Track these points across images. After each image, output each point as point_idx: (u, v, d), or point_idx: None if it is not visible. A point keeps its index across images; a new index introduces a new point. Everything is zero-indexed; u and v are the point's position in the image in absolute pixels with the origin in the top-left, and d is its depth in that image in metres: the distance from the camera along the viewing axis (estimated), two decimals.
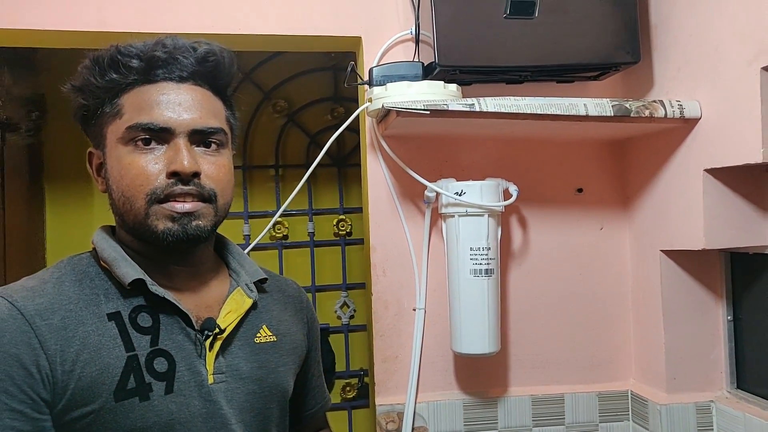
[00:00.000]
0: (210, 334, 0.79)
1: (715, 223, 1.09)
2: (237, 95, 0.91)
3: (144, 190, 0.76)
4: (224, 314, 0.83)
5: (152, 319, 0.77)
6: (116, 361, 0.72)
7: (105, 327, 0.74)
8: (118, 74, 0.78)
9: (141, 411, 0.72)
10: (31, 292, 0.74)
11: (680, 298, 1.22)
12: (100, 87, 0.78)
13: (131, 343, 0.74)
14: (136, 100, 0.78)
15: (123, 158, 0.77)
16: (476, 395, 1.29)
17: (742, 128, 0.99)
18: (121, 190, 0.77)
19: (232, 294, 0.86)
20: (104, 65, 0.78)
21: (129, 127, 0.76)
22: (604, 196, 1.35)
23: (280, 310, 0.93)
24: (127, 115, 0.77)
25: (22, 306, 0.71)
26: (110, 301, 0.76)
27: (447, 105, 1.07)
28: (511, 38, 1.15)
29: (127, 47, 0.78)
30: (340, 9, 1.27)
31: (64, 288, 0.76)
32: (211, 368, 0.79)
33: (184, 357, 0.77)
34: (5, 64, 1.78)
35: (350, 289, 2.27)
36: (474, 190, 1.17)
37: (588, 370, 1.33)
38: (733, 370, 1.22)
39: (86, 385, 0.70)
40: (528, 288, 1.32)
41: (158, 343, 0.76)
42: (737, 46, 0.99)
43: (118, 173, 0.77)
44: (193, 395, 0.76)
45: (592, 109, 1.10)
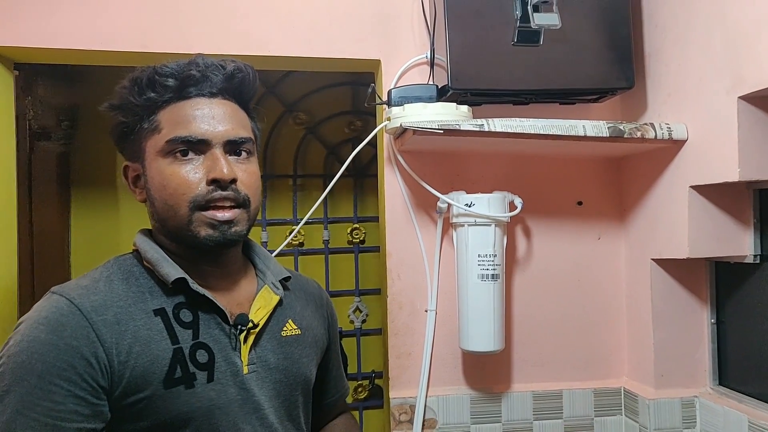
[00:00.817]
0: (244, 328, 0.86)
1: (699, 234, 1.19)
2: (260, 108, 0.99)
3: (187, 198, 0.82)
4: (255, 310, 0.90)
5: (192, 314, 0.84)
6: (164, 352, 0.79)
7: (152, 322, 0.81)
8: (155, 93, 0.84)
9: (186, 397, 0.80)
10: (86, 290, 0.80)
11: (668, 303, 1.32)
12: (138, 105, 0.85)
13: (176, 336, 0.81)
14: (173, 115, 0.84)
15: (164, 169, 0.83)
16: (482, 390, 1.39)
17: (722, 150, 1.10)
18: (164, 199, 0.83)
19: (261, 292, 0.93)
20: (143, 85, 0.85)
21: (169, 141, 0.83)
22: (601, 209, 1.45)
23: (303, 306, 1.01)
24: (165, 129, 0.84)
25: (79, 303, 0.78)
26: (155, 298, 0.83)
27: (459, 125, 1.19)
28: (518, 64, 1.26)
29: (163, 68, 0.85)
30: (362, 34, 1.38)
31: (114, 286, 0.83)
32: (245, 360, 0.86)
33: (221, 349, 0.84)
34: (41, 76, 1.89)
35: (363, 295, 2.36)
36: (482, 202, 1.28)
37: (584, 368, 1.43)
38: (716, 368, 1.32)
39: (139, 374, 0.77)
40: (530, 292, 1.42)
41: (199, 337, 0.83)
42: (717, 77, 1.11)
43: (160, 183, 0.84)
44: (230, 384, 0.84)
45: (590, 130, 1.21)
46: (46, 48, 1.27)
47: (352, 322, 2.36)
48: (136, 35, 1.31)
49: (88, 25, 1.28)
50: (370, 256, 2.39)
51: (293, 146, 2.33)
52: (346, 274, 2.38)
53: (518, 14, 1.24)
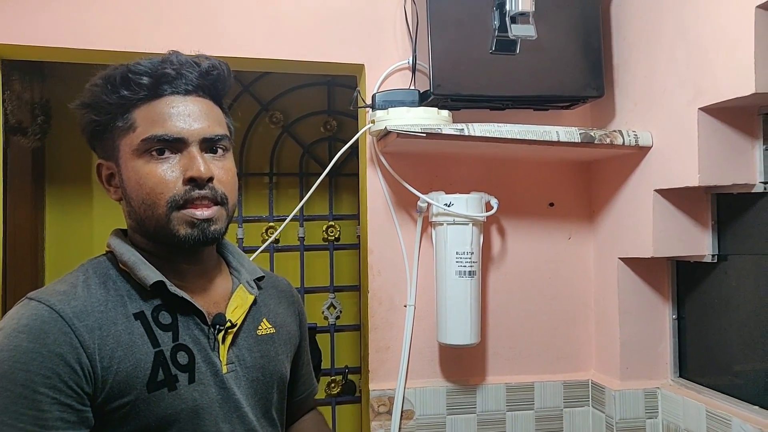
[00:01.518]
0: (222, 328, 0.87)
1: (662, 235, 1.27)
2: (235, 106, 1.00)
3: (165, 198, 0.81)
4: (231, 310, 0.90)
5: (171, 317, 0.83)
6: (146, 356, 0.79)
7: (133, 326, 0.80)
8: (129, 91, 0.82)
9: (170, 400, 0.79)
10: (65, 296, 0.78)
11: (634, 300, 1.41)
12: (111, 104, 0.83)
13: (156, 339, 0.81)
14: (148, 114, 0.82)
15: (140, 168, 0.82)
16: (458, 383, 1.45)
17: (683, 157, 1.18)
18: (141, 198, 0.82)
19: (237, 291, 0.93)
20: (116, 83, 0.82)
21: (144, 139, 0.81)
22: (572, 210, 1.53)
23: (276, 304, 1.01)
24: (140, 128, 0.82)
25: (60, 309, 0.76)
26: (133, 302, 0.82)
27: (441, 129, 1.24)
28: (496, 71, 1.32)
29: (137, 66, 0.83)
30: (347, 39, 1.43)
31: (92, 291, 0.81)
32: (224, 359, 0.86)
33: (201, 350, 0.84)
34: (16, 70, 1.88)
35: (337, 291, 2.40)
36: (461, 202, 1.34)
37: (555, 362, 1.51)
38: (677, 361, 1.41)
39: (122, 379, 0.77)
40: (505, 288, 1.49)
41: (179, 339, 0.83)
42: (680, 89, 1.19)
43: (137, 183, 0.82)
44: (211, 384, 0.84)
45: (562, 136, 1.28)
46: (34, 46, 1.27)
47: (327, 318, 2.40)
48: (122, 34, 1.32)
49: (75, 23, 1.29)
50: (344, 253, 2.43)
51: (269, 145, 2.35)
52: (321, 271, 2.42)
53: (496, 24, 1.30)
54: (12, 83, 1.84)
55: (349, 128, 2.34)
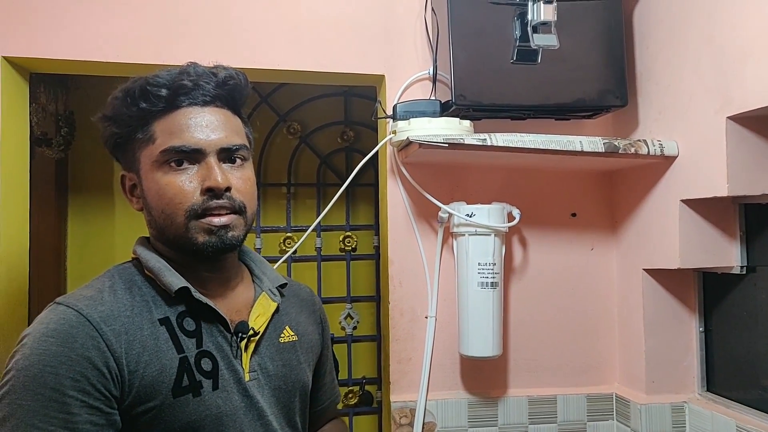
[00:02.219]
0: (244, 336, 0.87)
1: (688, 246, 1.25)
2: (253, 117, 1.01)
3: (183, 207, 0.83)
4: (254, 317, 0.91)
5: (195, 323, 0.85)
6: (171, 362, 0.80)
7: (158, 331, 0.81)
8: (148, 103, 0.84)
9: (195, 406, 0.80)
10: (92, 301, 0.80)
11: (659, 312, 1.38)
12: (131, 116, 0.85)
13: (181, 345, 0.82)
14: (167, 125, 0.84)
15: (160, 179, 0.83)
16: (479, 395, 1.44)
17: (711, 166, 1.16)
18: (161, 208, 0.84)
19: (259, 299, 0.93)
20: (135, 96, 0.84)
21: (163, 151, 0.83)
22: (595, 220, 1.51)
23: (297, 312, 1.02)
24: (159, 140, 0.84)
25: (88, 314, 0.77)
26: (158, 308, 0.84)
27: (463, 139, 1.23)
28: (517, 81, 1.31)
29: (155, 78, 0.84)
30: (367, 50, 1.43)
31: (119, 296, 0.83)
32: (246, 367, 0.87)
33: (224, 357, 0.85)
34: (42, 83, 1.91)
35: (354, 302, 2.39)
36: (482, 213, 1.33)
37: (578, 375, 1.48)
38: (704, 375, 1.38)
39: (148, 383, 0.78)
40: (527, 300, 1.48)
41: (203, 345, 0.84)
42: (707, 97, 1.17)
43: (156, 193, 0.84)
44: (234, 391, 0.85)
45: (586, 146, 1.27)
46: (60, 59, 1.29)
47: (344, 328, 2.39)
48: (145, 47, 1.33)
49: (100, 37, 1.31)
50: (361, 263, 2.43)
51: (287, 155, 2.36)
52: (338, 281, 2.41)
53: (518, 34, 1.30)
54: (38, 95, 1.87)
55: (366, 139, 2.35)
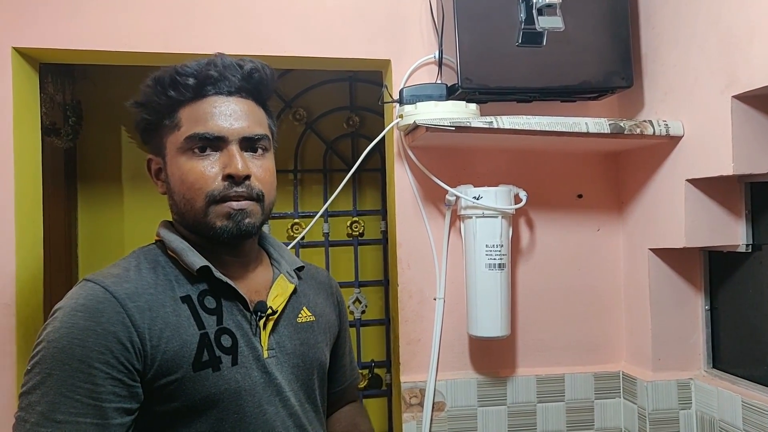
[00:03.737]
0: (263, 315, 0.91)
1: (694, 225, 1.27)
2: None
3: (203, 192, 0.86)
4: (272, 297, 0.94)
5: (216, 301, 0.88)
6: (192, 337, 0.84)
7: (180, 308, 0.85)
8: (176, 92, 0.88)
9: (214, 380, 0.84)
10: (119, 279, 0.84)
11: (665, 290, 1.40)
12: (161, 104, 0.89)
13: (202, 322, 0.85)
14: (192, 113, 0.88)
15: (183, 165, 0.87)
16: (488, 375, 1.46)
17: (717, 145, 1.17)
18: (182, 193, 0.88)
19: (277, 280, 0.97)
20: (165, 84, 0.88)
21: (187, 138, 0.87)
22: (601, 201, 1.53)
23: (315, 294, 1.05)
24: (184, 126, 0.88)
25: (114, 290, 0.82)
26: (181, 286, 0.87)
27: (470, 122, 1.25)
28: (523, 64, 1.32)
29: (184, 68, 0.88)
30: (373, 35, 1.44)
31: (143, 275, 0.87)
32: (265, 344, 0.90)
33: (243, 335, 0.88)
34: (49, 73, 1.92)
35: (362, 286, 2.42)
36: (490, 195, 1.35)
37: (585, 353, 1.51)
38: (710, 352, 1.40)
39: (170, 357, 0.81)
40: (534, 281, 1.49)
41: (223, 323, 0.87)
42: (712, 77, 1.18)
43: (179, 178, 0.88)
44: (253, 367, 0.88)
45: (592, 127, 1.27)
46: (70, 49, 1.30)
47: (352, 313, 2.41)
48: (154, 36, 1.34)
49: (110, 26, 1.32)
50: (368, 248, 2.45)
51: (293, 142, 2.37)
52: (346, 266, 2.44)
53: (523, 17, 1.30)
54: (46, 86, 1.88)
55: (371, 124, 2.35)
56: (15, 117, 1.30)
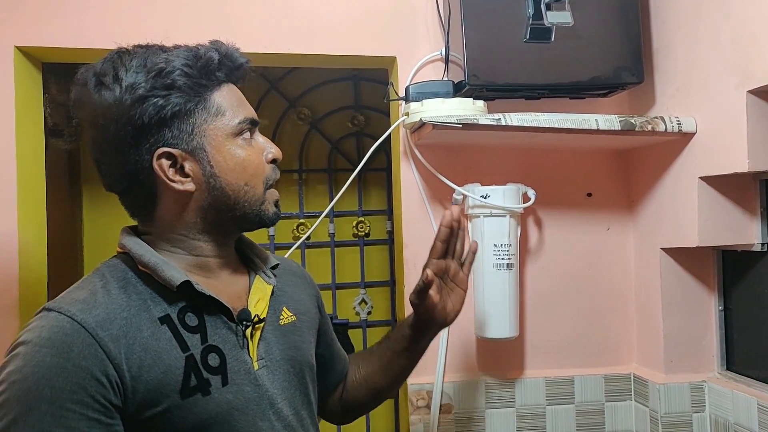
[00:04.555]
0: (249, 323, 0.84)
1: (707, 223, 1.24)
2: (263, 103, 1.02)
3: (261, 178, 0.85)
4: (254, 303, 0.87)
5: (197, 318, 0.80)
6: (176, 361, 0.76)
7: (159, 330, 0.77)
8: (222, 73, 0.83)
9: (204, 405, 0.76)
10: (86, 305, 0.75)
11: (677, 291, 1.37)
12: (202, 85, 0.81)
13: (185, 343, 0.77)
14: (227, 98, 0.84)
15: (240, 151, 0.83)
16: (496, 377, 1.44)
17: (731, 142, 1.15)
18: (243, 181, 0.83)
19: (255, 282, 0.90)
20: (214, 65, 0.82)
21: (241, 122, 0.83)
22: (610, 200, 1.50)
23: (293, 290, 0.98)
24: (229, 111, 0.83)
25: (82, 319, 0.72)
26: (157, 305, 0.78)
27: (477, 119, 1.22)
28: (530, 60, 1.30)
29: (222, 48, 0.83)
30: (378, 32, 1.42)
31: (113, 296, 0.77)
32: (254, 356, 0.84)
33: (230, 349, 0.81)
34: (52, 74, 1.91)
35: (368, 287, 2.40)
36: (497, 194, 1.32)
37: (595, 355, 1.48)
38: (723, 353, 1.37)
39: (153, 387, 0.73)
40: (543, 281, 1.47)
41: (208, 340, 0.80)
42: (726, 72, 1.15)
43: (239, 165, 0.82)
44: (245, 383, 0.81)
45: (602, 124, 1.25)
46: (73, 48, 1.29)
47: (358, 314, 2.40)
48: (157, 34, 1.30)
49: (113, 25, 1.31)
50: (374, 248, 2.43)
51: (297, 141, 2.36)
52: (351, 267, 2.42)
53: (531, 12, 1.28)
54: (49, 87, 1.87)
55: (376, 123, 2.34)
56: (18, 117, 1.29)
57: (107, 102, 0.78)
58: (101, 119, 0.79)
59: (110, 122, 0.78)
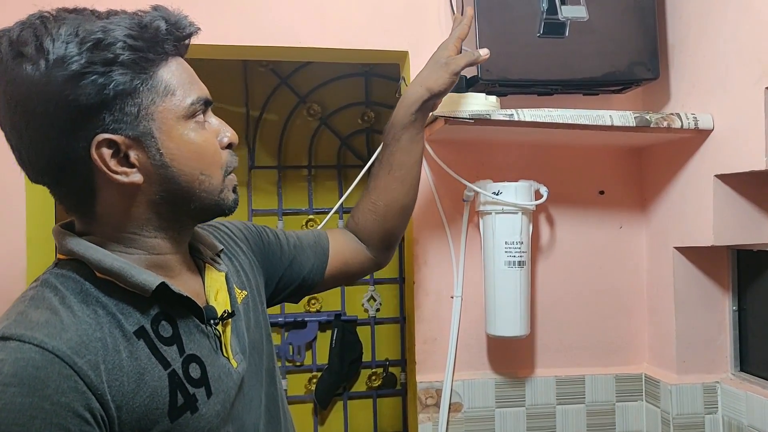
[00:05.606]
0: (217, 321, 0.78)
1: (723, 222, 1.22)
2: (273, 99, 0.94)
3: (219, 165, 0.75)
4: (213, 297, 0.80)
5: (171, 325, 0.72)
6: (160, 381, 0.68)
7: (136, 347, 0.67)
8: (170, 45, 0.71)
9: (194, 422, 0.70)
10: (52, 327, 0.63)
11: (690, 290, 1.35)
12: (149, 60, 0.68)
13: (165, 358, 0.69)
14: (175, 74, 0.71)
15: (194, 136, 0.72)
16: (506, 375, 1.42)
17: (748, 139, 1.12)
18: (199, 170, 0.73)
19: (208, 273, 0.82)
20: (160, 35, 0.69)
21: (193, 102, 0.72)
22: (623, 198, 1.48)
23: (232, 260, 0.91)
24: (179, 90, 0.71)
25: (53, 347, 0.61)
26: (128, 317, 0.69)
27: (490, 115, 1.21)
28: (544, 55, 1.28)
29: (162, 15, 0.70)
30: (391, 26, 1.40)
31: (78, 314, 0.65)
32: (230, 354, 0.79)
33: (207, 355, 0.75)
34: None
35: (377, 284, 2.39)
36: (509, 191, 1.31)
37: (606, 354, 1.46)
38: (737, 354, 1.35)
39: (141, 414, 0.66)
40: (554, 279, 1.45)
41: (185, 350, 0.72)
42: (744, 67, 1.13)
43: (194, 152, 0.72)
44: (228, 386, 0.77)
45: (616, 120, 1.23)
46: None
47: (367, 310, 2.39)
48: None
49: None
50: None
51: (307, 137, 2.35)
52: None
53: (545, 6, 1.26)
54: None
55: (386, 119, 2.30)
56: None
57: (30, 78, 0.64)
58: (22, 99, 0.65)
59: (35, 103, 0.64)
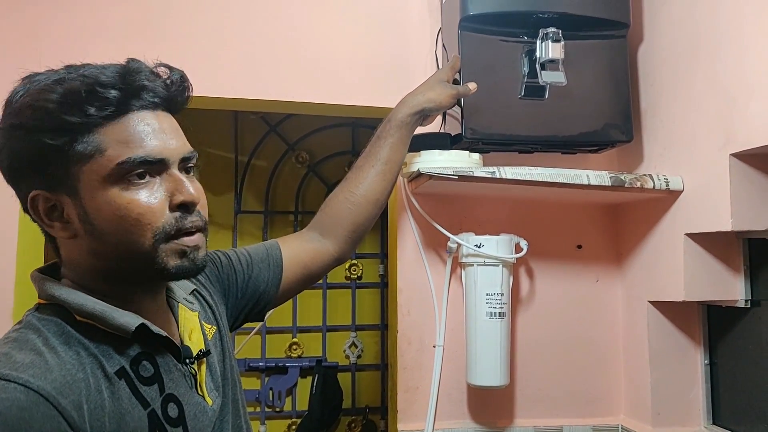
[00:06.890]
0: (193, 360, 0.79)
1: (693, 279, 1.27)
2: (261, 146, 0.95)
3: (152, 229, 0.71)
4: (188, 336, 0.81)
5: (151, 365, 0.73)
6: (140, 422, 0.69)
7: (117, 388, 0.69)
8: (97, 108, 0.69)
9: None
10: (38, 368, 0.64)
11: (664, 344, 1.40)
12: (75, 123, 0.68)
13: (144, 399, 0.70)
14: (118, 133, 0.70)
15: (118, 198, 0.70)
16: (486, 424, 1.44)
17: (715, 201, 1.19)
18: (122, 232, 0.70)
19: (180, 313, 0.83)
20: (82, 99, 0.68)
21: (121, 163, 0.69)
22: (600, 253, 1.54)
23: (197, 299, 0.92)
24: (110, 150, 0.69)
25: (39, 387, 0.61)
26: (109, 359, 0.70)
27: (473, 172, 1.26)
28: (525, 116, 1.35)
29: (100, 76, 0.70)
30: (379, 84, 1.47)
31: (62, 355, 0.67)
32: (205, 392, 0.80)
33: (184, 394, 0.76)
34: None
35: (359, 330, 2.41)
36: (491, 244, 1.36)
37: (584, 405, 1.49)
38: (710, 407, 1.39)
39: None
40: (533, 330, 1.49)
41: (165, 389, 0.73)
42: (711, 134, 1.21)
43: (115, 214, 0.70)
44: (204, 423, 0.77)
45: (593, 180, 1.29)
46: None
47: (348, 357, 2.39)
48: None
49: None
50: (366, 291, 2.45)
51: (295, 184, 2.40)
52: (343, 309, 2.43)
53: (526, 71, 1.34)
54: None
55: None
56: None
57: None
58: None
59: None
